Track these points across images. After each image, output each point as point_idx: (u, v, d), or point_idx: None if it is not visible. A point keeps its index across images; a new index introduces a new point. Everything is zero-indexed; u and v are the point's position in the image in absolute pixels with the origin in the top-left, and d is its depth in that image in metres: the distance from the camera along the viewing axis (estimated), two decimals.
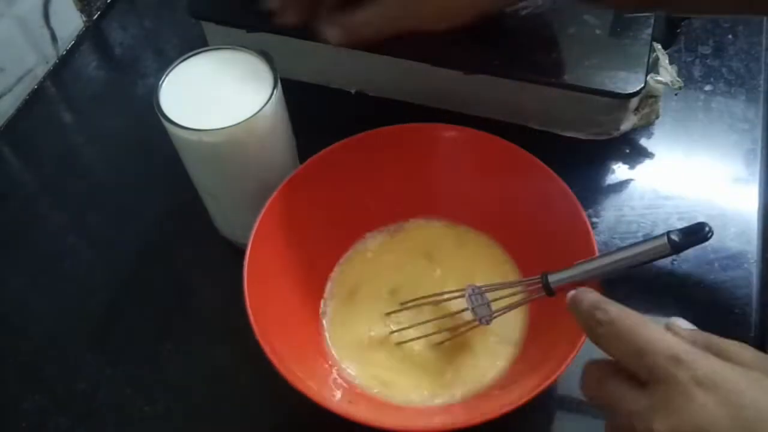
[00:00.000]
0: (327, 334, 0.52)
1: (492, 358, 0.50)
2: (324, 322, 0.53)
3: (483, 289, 0.48)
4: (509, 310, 0.48)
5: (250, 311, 0.46)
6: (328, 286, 0.55)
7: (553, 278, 0.45)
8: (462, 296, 0.49)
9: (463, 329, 0.50)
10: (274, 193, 0.51)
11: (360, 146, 0.54)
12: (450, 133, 0.55)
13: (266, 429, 0.52)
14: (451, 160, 0.55)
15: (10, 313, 0.58)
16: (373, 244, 0.56)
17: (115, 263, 0.60)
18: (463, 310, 0.49)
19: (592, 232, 0.48)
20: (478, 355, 0.51)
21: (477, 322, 0.48)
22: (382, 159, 0.55)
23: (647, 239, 0.44)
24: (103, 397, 0.53)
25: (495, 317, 0.48)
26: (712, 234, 0.43)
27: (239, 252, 0.49)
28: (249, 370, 0.51)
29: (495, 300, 0.48)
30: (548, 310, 0.48)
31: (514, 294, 0.48)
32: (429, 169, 0.56)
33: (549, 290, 0.45)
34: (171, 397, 0.53)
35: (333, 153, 0.54)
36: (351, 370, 0.51)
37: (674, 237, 0.43)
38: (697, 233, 0.43)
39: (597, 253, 0.47)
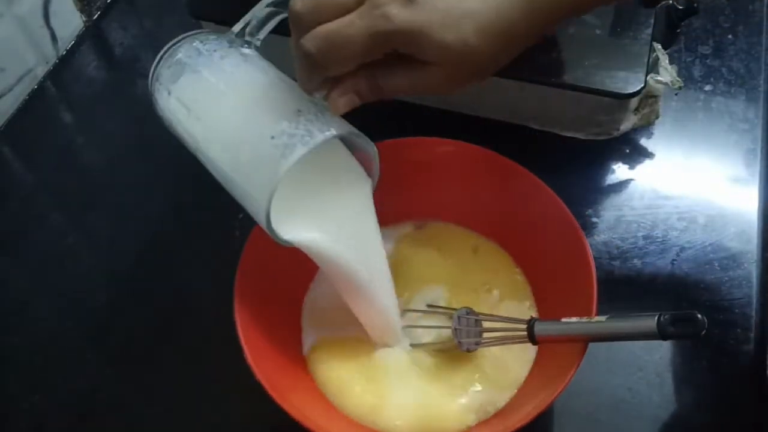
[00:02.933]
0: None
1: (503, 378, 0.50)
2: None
3: (474, 316, 0.48)
4: (490, 345, 0.48)
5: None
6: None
7: (538, 328, 0.45)
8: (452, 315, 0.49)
9: (444, 346, 0.50)
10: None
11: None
12: (452, 148, 0.54)
13: (267, 429, 0.52)
14: (454, 176, 0.55)
15: (10, 313, 0.58)
16: None
17: (115, 263, 0.60)
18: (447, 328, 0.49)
19: (592, 263, 0.47)
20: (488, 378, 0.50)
21: (458, 345, 0.48)
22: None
23: (638, 317, 0.42)
24: (103, 397, 0.53)
25: (476, 348, 0.48)
26: (705, 330, 0.40)
27: (238, 252, 0.49)
28: (249, 370, 0.51)
29: (486, 329, 0.48)
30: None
31: (502, 331, 0.47)
32: (430, 181, 0.55)
33: (533, 339, 0.45)
34: (171, 397, 0.53)
35: None
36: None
37: (663, 321, 0.40)
38: (690, 322, 0.40)
39: (595, 287, 0.46)
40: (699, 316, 0.40)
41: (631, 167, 0.62)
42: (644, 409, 0.50)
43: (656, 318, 0.41)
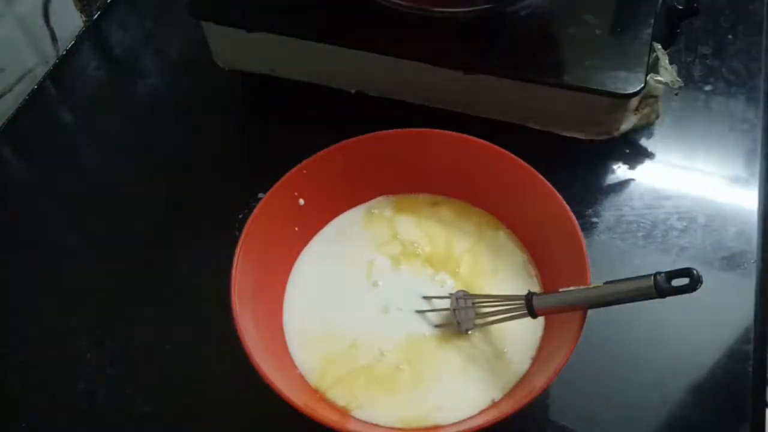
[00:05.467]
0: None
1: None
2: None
3: (471, 298, 0.49)
4: (489, 324, 0.49)
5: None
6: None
7: (537, 302, 0.46)
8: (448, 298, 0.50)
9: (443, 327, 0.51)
10: (267, 194, 0.52)
11: (358, 148, 0.54)
12: (453, 140, 0.55)
13: (266, 428, 0.52)
14: (455, 166, 0.56)
15: (10, 313, 0.58)
16: None
17: (115, 263, 0.60)
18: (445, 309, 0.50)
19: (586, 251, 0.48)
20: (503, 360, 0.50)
21: (457, 327, 0.49)
22: (381, 162, 0.55)
23: (635, 278, 0.43)
24: (103, 397, 0.53)
25: (474, 328, 0.49)
26: (701, 283, 0.41)
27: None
28: (249, 371, 0.51)
29: (484, 309, 0.49)
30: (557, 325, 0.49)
31: (501, 308, 0.48)
32: (429, 172, 0.57)
33: (532, 312, 0.46)
34: (171, 397, 0.53)
35: (331, 154, 0.54)
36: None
37: (660, 279, 0.42)
38: (686, 278, 0.41)
39: (588, 267, 0.47)
40: (694, 271, 0.41)
41: (631, 167, 0.62)
42: (644, 409, 0.50)
43: (652, 277, 0.41)
